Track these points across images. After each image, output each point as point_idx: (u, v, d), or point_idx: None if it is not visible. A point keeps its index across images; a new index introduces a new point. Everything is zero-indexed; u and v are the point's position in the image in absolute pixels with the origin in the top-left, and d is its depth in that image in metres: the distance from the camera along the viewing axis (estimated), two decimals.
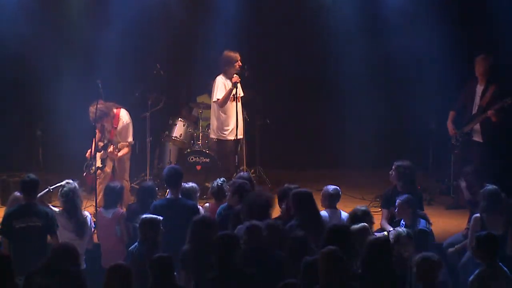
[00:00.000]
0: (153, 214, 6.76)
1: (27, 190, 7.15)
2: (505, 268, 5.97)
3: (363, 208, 7.01)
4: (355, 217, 6.81)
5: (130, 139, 9.37)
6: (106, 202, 7.70)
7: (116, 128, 9.25)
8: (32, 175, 7.30)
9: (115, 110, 9.23)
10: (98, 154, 9.18)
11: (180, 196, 7.40)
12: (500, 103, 9.16)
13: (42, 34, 11.31)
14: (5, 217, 7.13)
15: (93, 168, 8.90)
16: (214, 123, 9.84)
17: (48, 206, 7.56)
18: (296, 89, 12.14)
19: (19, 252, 6.80)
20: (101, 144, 9.15)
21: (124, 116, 9.32)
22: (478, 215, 7.22)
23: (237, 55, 9.58)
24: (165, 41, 11.61)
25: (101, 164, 9.21)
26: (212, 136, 9.95)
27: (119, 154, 9.18)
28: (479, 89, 9.43)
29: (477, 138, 9.45)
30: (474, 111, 9.46)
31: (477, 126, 9.41)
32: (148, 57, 11.05)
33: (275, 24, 11.85)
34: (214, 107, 9.80)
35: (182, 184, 7.53)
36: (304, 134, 12.16)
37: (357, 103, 11.94)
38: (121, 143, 9.24)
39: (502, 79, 9.56)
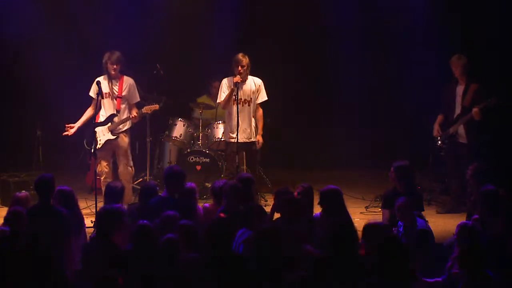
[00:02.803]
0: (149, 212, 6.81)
1: (41, 190, 7.10)
2: (492, 276, 5.87)
3: None
4: None
5: (138, 98, 9.53)
6: (106, 202, 7.69)
7: (121, 97, 9.35)
8: (46, 174, 7.30)
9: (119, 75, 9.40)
10: (105, 128, 9.29)
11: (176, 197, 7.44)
12: (485, 102, 9.13)
13: (42, 34, 11.33)
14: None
15: (97, 144, 9.00)
16: (225, 125, 9.78)
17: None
18: (296, 89, 12.15)
19: None
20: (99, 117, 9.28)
21: (127, 78, 9.43)
22: (465, 223, 7.00)
23: (238, 57, 9.37)
24: (166, 40, 11.63)
25: (113, 136, 9.31)
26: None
27: (135, 114, 9.32)
28: (460, 89, 9.39)
29: (462, 139, 9.42)
30: (458, 112, 9.43)
31: (461, 128, 9.38)
32: (148, 57, 11.04)
33: (275, 24, 11.86)
34: (222, 111, 9.71)
35: None
36: (305, 134, 12.17)
37: (357, 103, 11.96)
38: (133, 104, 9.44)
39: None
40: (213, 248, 5.82)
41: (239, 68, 9.23)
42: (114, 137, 9.35)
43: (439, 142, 9.53)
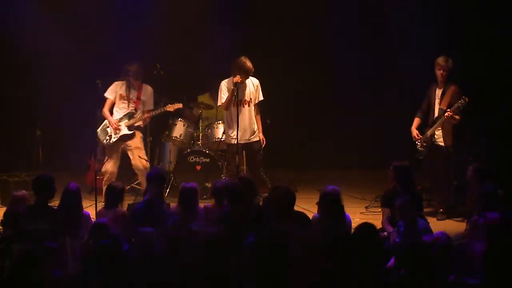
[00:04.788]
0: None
1: (38, 190, 7.10)
2: None
3: None
4: None
5: (152, 106, 9.81)
6: (107, 202, 7.69)
7: (139, 98, 9.67)
8: (44, 174, 7.30)
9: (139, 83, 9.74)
10: (122, 124, 9.61)
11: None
12: (456, 104, 9.08)
13: (42, 34, 11.32)
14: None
15: (111, 137, 9.30)
16: (225, 127, 9.78)
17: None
18: (296, 89, 12.15)
19: None
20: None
21: (146, 86, 9.77)
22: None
23: (242, 60, 9.33)
24: (166, 40, 11.63)
25: (129, 131, 9.62)
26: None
27: (147, 115, 9.65)
28: (438, 92, 9.35)
29: (440, 142, 9.39)
30: (436, 114, 9.39)
31: (438, 131, 9.34)
32: (148, 57, 11.04)
33: (274, 24, 11.86)
34: (223, 111, 9.71)
35: (183, 184, 7.53)
36: (304, 134, 12.17)
37: (357, 103, 11.96)
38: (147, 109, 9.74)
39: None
40: None
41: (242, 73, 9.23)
42: (131, 132, 9.64)
43: (418, 145, 9.46)
